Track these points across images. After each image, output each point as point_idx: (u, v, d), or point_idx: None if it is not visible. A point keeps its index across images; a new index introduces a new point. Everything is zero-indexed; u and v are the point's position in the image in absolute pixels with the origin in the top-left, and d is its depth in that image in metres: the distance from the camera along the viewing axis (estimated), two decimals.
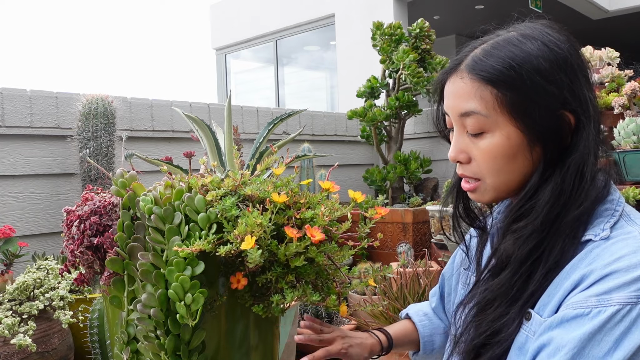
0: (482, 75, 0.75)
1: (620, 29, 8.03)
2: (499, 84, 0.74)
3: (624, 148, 2.35)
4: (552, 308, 0.70)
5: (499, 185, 0.78)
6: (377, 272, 1.04)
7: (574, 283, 0.68)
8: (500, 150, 0.75)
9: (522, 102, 0.73)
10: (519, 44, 0.75)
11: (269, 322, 1.07)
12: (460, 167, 0.82)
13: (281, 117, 1.57)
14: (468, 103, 0.76)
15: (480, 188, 0.80)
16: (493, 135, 0.75)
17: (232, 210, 0.87)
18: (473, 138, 0.78)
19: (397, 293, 2.01)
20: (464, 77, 0.78)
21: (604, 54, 2.78)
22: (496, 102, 0.74)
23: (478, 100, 0.75)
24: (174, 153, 2.63)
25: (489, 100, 0.75)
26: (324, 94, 8.46)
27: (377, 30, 3.28)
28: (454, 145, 0.81)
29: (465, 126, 0.78)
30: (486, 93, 0.75)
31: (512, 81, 0.73)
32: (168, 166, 1.33)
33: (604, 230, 0.72)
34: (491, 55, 0.76)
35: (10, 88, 2.16)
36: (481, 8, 7.33)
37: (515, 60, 0.74)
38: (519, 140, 0.75)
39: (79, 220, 1.01)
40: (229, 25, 8.84)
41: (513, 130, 0.75)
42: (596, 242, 0.71)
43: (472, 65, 0.77)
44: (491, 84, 0.74)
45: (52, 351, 1.57)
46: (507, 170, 0.77)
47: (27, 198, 2.20)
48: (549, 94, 0.73)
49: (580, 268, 0.69)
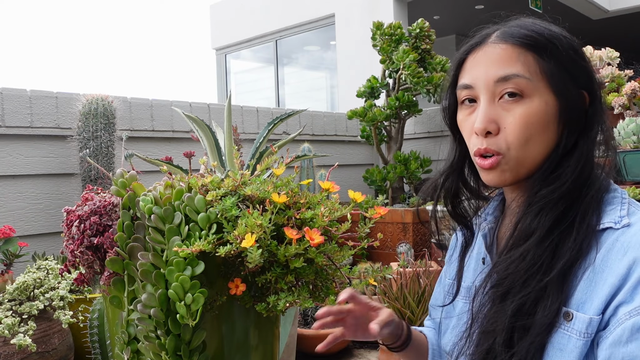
0: (523, 41, 0.76)
1: (620, 29, 8.03)
2: (540, 50, 0.75)
3: (624, 148, 2.35)
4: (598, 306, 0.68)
5: (524, 158, 0.76)
6: (377, 272, 1.04)
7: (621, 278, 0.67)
8: (536, 116, 0.75)
9: (560, 71, 0.75)
10: (546, 25, 0.78)
11: (269, 322, 1.07)
12: (484, 140, 0.77)
13: (281, 117, 1.57)
14: (509, 67, 0.75)
15: (501, 163, 0.77)
16: (532, 100, 0.75)
17: (232, 211, 0.87)
18: (508, 104, 0.76)
19: (397, 293, 2.01)
20: (500, 43, 0.77)
21: (604, 54, 2.78)
22: (538, 67, 0.75)
23: (521, 64, 0.75)
24: (174, 153, 2.63)
25: (531, 64, 0.75)
26: (324, 94, 8.46)
27: (377, 30, 3.28)
28: (483, 115, 0.76)
29: (500, 93, 0.76)
30: (529, 58, 0.75)
31: (551, 50, 0.75)
32: (168, 166, 1.33)
33: (622, 217, 0.72)
34: (525, 28, 0.77)
35: (10, 88, 2.16)
36: (481, 8, 7.33)
37: (552, 32, 0.77)
38: (554, 109, 0.75)
39: (79, 220, 1.01)
40: (229, 25, 8.84)
41: (551, 98, 0.75)
42: (619, 230, 0.70)
43: (509, 33, 0.77)
44: (533, 49, 0.75)
45: (52, 351, 1.57)
46: (536, 141, 0.75)
47: (27, 198, 2.20)
48: (579, 70, 0.77)
49: (617, 260, 0.68)
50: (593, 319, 0.68)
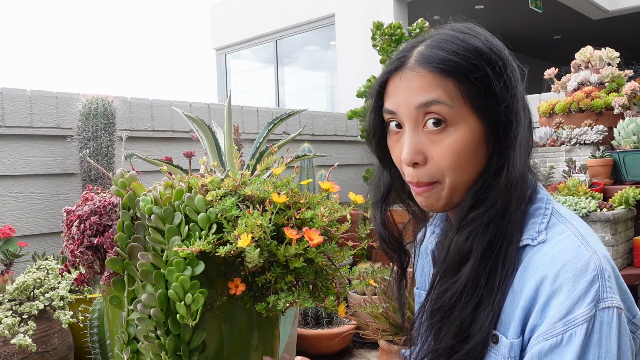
0: (440, 67, 0.72)
1: (620, 29, 8.03)
2: (459, 75, 0.72)
3: (624, 148, 2.35)
4: (515, 329, 0.68)
5: (458, 184, 0.74)
6: (377, 272, 1.04)
7: (530, 300, 0.67)
8: (464, 144, 0.72)
9: (482, 93, 0.72)
10: (465, 38, 0.74)
11: (269, 322, 1.07)
12: (413, 171, 0.75)
13: (281, 117, 1.57)
14: (429, 93, 0.72)
15: (436, 190, 0.75)
16: (457, 129, 0.72)
17: (232, 211, 0.88)
18: (433, 135, 0.73)
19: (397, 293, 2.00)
20: (418, 70, 0.73)
21: (604, 54, 2.78)
22: (459, 93, 0.72)
23: (441, 91, 0.72)
24: (174, 153, 2.63)
25: (451, 90, 0.71)
26: (324, 94, 8.45)
27: (377, 30, 3.28)
28: (409, 146, 0.74)
29: (423, 121, 0.73)
30: (448, 84, 0.72)
31: (469, 72, 0.72)
32: (168, 166, 1.33)
33: (540, 233, 0.70)
34: (442, 49, 0.73)
35: (10, 88, 2.16)
36: (481, 8, 7.33)
37: (468, 51, 0.72)
38: (480, 133, 0.73)
39: (79, 220, 1.01)
40: (229, 25, 8.84)
41: (476, 123, 0.72)
42: (535, 247, 0.70)
43: (425, 58, 0.73)
44: (451, 75, 0.72)
45: (52, 351, 1.57)
46: (468, 167, 0.73)
47: (27, 198, 2.20)
48: (501, 86, 0.73)
49: (528, 280, 0.68)
50: (513, 342, 0.68)
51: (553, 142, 2.57)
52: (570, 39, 8.34)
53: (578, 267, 0.65)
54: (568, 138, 2.52)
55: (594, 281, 0.64)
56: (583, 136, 2.48)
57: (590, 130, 2.48)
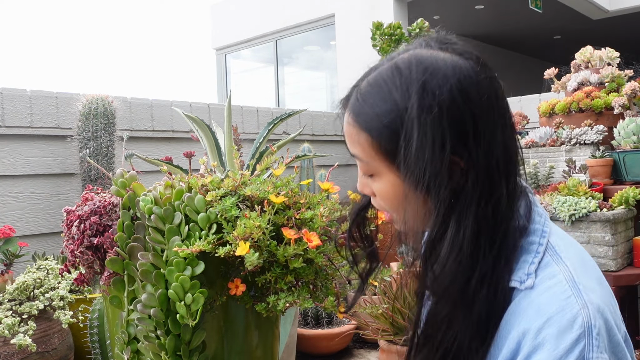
0: (358, 121, 0.71)
1: (620, 29, 8.03)
2: (372, 132, 0.69)
3: (624, 148, 2.35)
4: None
5: (408, 219, 0.72)
6: (376, 272, 1.04)
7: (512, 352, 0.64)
8: (387, 194, 0.73)
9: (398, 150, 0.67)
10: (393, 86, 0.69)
11: (269, 322, 1.07)
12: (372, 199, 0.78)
13: (281, 117, 1.57)
14: (352, 147, 0.74)
15: (394, 220, 0.77)
16: (380, 180, 0.73)
17: (232, 211, 0.88)
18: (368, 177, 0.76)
19: (397, 293, 2.01)
20: (348, 118, 0.74)
21: (604, 54, 2.78)
22: (372, 149, 0.70)
23: (358, 146, 0.72)
24: (174, 153, 2.63)
25: (365, 147, 0.71)
26: (324, 94, 8.45)
27: (377, 30, 3.28)
28: (359, 181, 0.78)
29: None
30: (363, 139, 0.71)
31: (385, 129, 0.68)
32: (168, 166, 1.33)
33: (529, 275, 0.66)
34: (366, 98, 0.71)
35: (10, 88, 2.16)
36: (481, 8, 7.33)
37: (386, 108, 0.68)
38: (401, 187, 0.70)
39: (79, 220, 1.01)
40: (229, 25, 8.84)
41: (393, 177, 0.71)
42: (522, 292, 0.66)
43: (352, 106, 0.73)
44: (366, 130, 0.70)
45: (52, 351, 1.57)
46: (405, 208, 0.71)
47: (27, 198, 2.20)
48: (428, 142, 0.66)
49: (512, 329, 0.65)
50: None
51: (553, 142, 2.57)
52: (570, 39, 8.34)
53: (563, 322, 0.61)
54: (568, 138, 2.52)
55: (579, 340, 0.60)
56: (583, 136, 2.48)
57: (590, 130, 2.48)
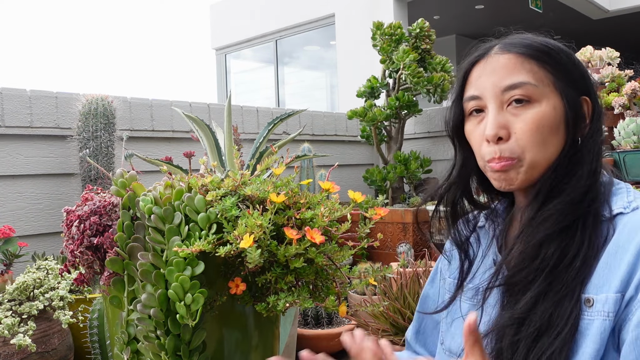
0: (525, 51, 0.80)
1: (620, 29, 8.03)
2: (541, 59, 0.80)
3: (624, 148, 2.35)
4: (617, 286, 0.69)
5: (537, 162, 0.79)
6: (377, 272, 1.04)
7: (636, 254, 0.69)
8: (547, 119, 0.78)
9: (562, 77, 0.80)
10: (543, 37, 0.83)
11: (269, 322, 1.07)
12: (496, 147, 0.80)
13: (281, 117, 1.57)
14: (515, 75, 0.79)
15: (515, 166, 0.79)
16: (540, 105, 0.78)
17: (232, 211, 0.87)
18: (517, 110, 0.79)
19: (397, 293, 2.01)
20: (503, 54, 0.81)
21: (604, 54, 2.78)
22: (542, 74, 0.79)
23: (526, 72, 0.79)
24: (174, 153, 2.63)
25: (536, 71, 0.79)
26: (324, 93, 8.45)
27: (377, 30, 3.28)
28: (493, 121, 0.79)
29: (508, 100, 0.79)
30: (533, 65, 0.79)
31: (552, 59, 0.80)
32: (168, 166, 1.33)
33: (630, 202, 0.75)
34: (525, 39, 0.82)
35: (10, 88, 2.16)
36: (481, 8, 7.33)
37: (549, 43, 0.81)
38: (562, 113, 0.79)
39: (79, 220, 1.01)
40: (229, 25, 8.84)
41: (558, 102, 0.79)
42: (629, 213, 0.74)
43: (511, 45, 0.81)
44: (535, 59, 0.80)
45: (52, 351, 1.57)
46: (549, 143, 0.79)
47: (27, 198, 2.20)
48: (579, 76, 0.81)
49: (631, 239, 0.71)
50: (609, 296, 0.70)
51: None
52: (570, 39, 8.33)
53: None
54: None
55: None
56: None
57: None
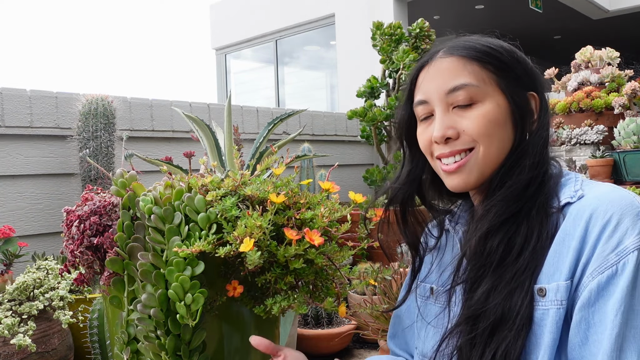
0: (466, 54, 0.82)
1: (620, 29, 8.03)
2: (483, 60, 0.81)
3: (624, 148, 2.35)
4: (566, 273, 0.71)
5: (490, 154, 0.81)
6: (377, 272, 1.04)
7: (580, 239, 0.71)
8: (492, 115, 0.80)
9: (505, 75, 0.82)
10: (485, 37, 0.85)
11: (269, 322, 1.07)
12: (446, 146, 0.82)
13: (281, 117, 1.57)
14: (457, 78, 0.81)
15: (470, 162, 0.82)
16: (484, 104, 0.80)
17: (232, 211, 0.87)
18: (462, 112, 0.81)
19: (397, 293, 2.00)
20: (446, 58, 0.83)
21: (604, 54, 2.78)
22: (484, 75, 0.81)
23: (468, 74, 0.81)
24: (174, 153, 2.63)
25: (477, 72, 0.81)
26: (324, 93, 8.45)
27: (377, 30, 3.28)
28: (439, 125, 0.82)
29: (453, 103, 0.82)
30: (474, 67, 0.81)
31: (493, 59, 0.82)
32: (168, 166, 1.33)
33: (577, 191, 0.77)
34: (468, 41, 0.84)
35: (10, 88, 2.16)
36: (481, 8, 7.33)
37: (492, 44, 0.83)
38: (506, 110, 0.81)
39: (79, 220, 1.01)
40: (229, 25, 8.84)
41: (502, 99, 0.81)
42: (575, 202, 0.76)
43: (453, 48, 0.83)
44: (476, 60, 0.81)
45: (52, 351, 1.57)
46: (496, 137, 0.81)
47: (27, 198, 2.20)
48: (523, 73, 0.83)
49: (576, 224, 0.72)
50: (560, 284, 0.71)
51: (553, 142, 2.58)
52: (570, 39, 8.34)
53: (624, 203, 0.71)
54: (568, 138, 2.52)
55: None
56: (583, 136, 2.47)
57: (591, 130, 2.48)
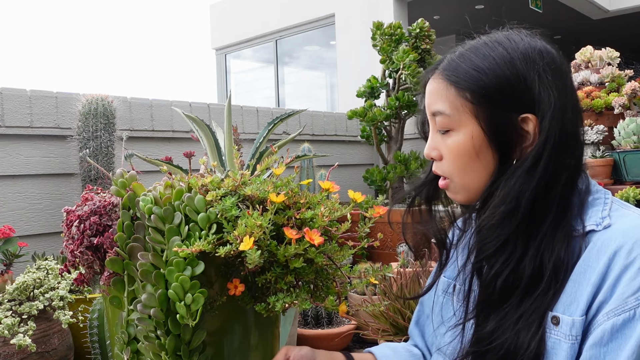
0: (449, 77, 0.80)
1: (620, 29, 8.03)
2: (461, 86, 0.79)
3: (624, 148, 2.35)
4: (583, 307, 0.69)
5: (467, 184, 0.81)
6: (377, 271, 1.04)
7: (601, 275, 0.68)
8: (464, 149, 0.79)
9: (483, 102, 0.77)
10: (487, 50, 0.79)
11: (269, 322, 1.07)
12: (434, 164, 0.86)
13: (281, 117, 1.57)
14: (435, 104, 0.82)
15: (450, 186, 0.84)
16: (458, 134, 0.79)
17: (232, 211, 0.87)
18: (442, 136, 0.82)
19: (397, 293, 2.01)
20: (436, 78, 0.83)
21: (604, 54, 2.78)
22: (459, 103, 0.79)
23: (444, 100, 0.80)
24: (174, 153, 2.63)
25: (452, 101, 0.79)
26: (324, 93, 8.45)
27: (377, 30, 3.28)
28: (428, 143, 0.85)
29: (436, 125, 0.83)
30: (451, 93, 0.80)
31: (472, 84, 0.78)
32: (168, 166, 1.33)
33: (604, 218, 0.73)
34: (462, 59, 0.81)
35: (10, 88, 2.16)
36: (481, 8, 7.33)
37: (479, 67, 0.78)
38: (481, 140, 0.78)
39: (78, 220, 1.01)
40: (229, 25, 8.84)
41: (476, 130, 0.78)
42: (600, 231, 0.72)
43: (444, 67, 0.83)
44: (455, 85, 0.79)
45: (52, 351, 1.57)
46: (472, 169, 0.79)
47: (27, 198, 2.20)
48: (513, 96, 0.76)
49: (599, 258, 0.69)
50: (576, 320, 0.69)
51: None
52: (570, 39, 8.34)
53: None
54: None
55: None
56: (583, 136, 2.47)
57: (591, 130, 2.48)
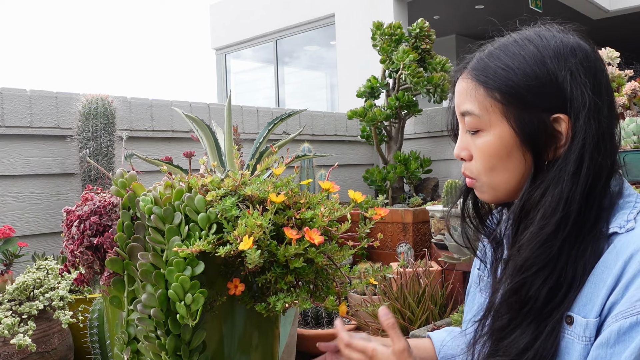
0: (477, 77, 0.79)
1: (620, 29, 8.03)
2: (490, 86, 0.77)
3: (624, 148, 2.35)
4: (596, 310, 0.69)
5: (496, 184, 0.80)
6: (377, 272, 1.04)
7: (616, 277, 0.68)
8: (493, 149, 0.78)
9: (513, 103, 0.76)
10: (517, 49, 0.78)
11: (269, 322, 1.07)
12: (463, 165, 0.84)
13: (281, 117, 1.57)
14: (465, 103, 0.80)
15: (477, 185, 0.83)
16: (487, 134, 0.78)
17: (232, 211, 0.87)
18: (472, 136, 0.81)
19: (397, 293, 2.01)
20: (465, 77, 0.82)
21: (604, 54, 2.78)
22: (488, 103, 0.78)
23: (473, 101, 0.79)
24: (174, 153, 2.63)
25: (482, 101, 0.78)
26: (324, 93, 8.45)
27: (377, 30, 3.28)
28: (457, 143, 0.84)
29: (466, 125, 0.82)
30: (480, 93, 0.78)
31: (501, 83, 0.77)
32: (168, 166, 1.33)
33: (629, 221, 0.72)
34: (491, 58, 0.79)
35: (10, 88, 2.16)
36: (481, 8, 7.33)
37: (508, 66, 0.77)
38: (511, 140, 0.77)
39: (79, 220, 1.01)
40: (229, 25, 8.84)
41: (506, 130, 0.77)
42: (622, 235, 0.71)
43: (473, 66, 0.81)
44: (484, 85, 0.78)
45: (52, 351, 1.57)
46: (501, 169, 0.78)
47: (27, 198, 2.20)
48: (544, 96, 0.75)
49: (616, 260, 0.70)
50: (590, 321, 0.69)
51: None
52: None
53: None
54: None
55: None
56: None
57: None
